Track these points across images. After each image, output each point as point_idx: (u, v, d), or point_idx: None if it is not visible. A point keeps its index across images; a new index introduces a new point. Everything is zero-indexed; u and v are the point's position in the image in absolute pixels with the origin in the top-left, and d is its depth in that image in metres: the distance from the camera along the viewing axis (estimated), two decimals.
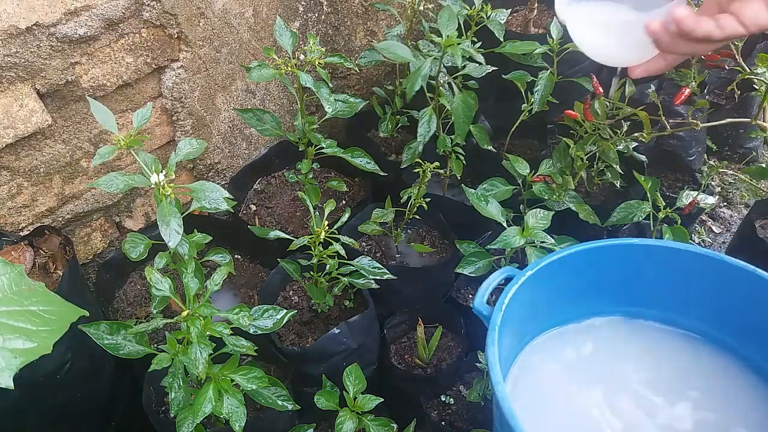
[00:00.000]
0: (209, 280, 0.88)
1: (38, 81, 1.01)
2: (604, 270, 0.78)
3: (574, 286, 0.78)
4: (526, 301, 0.73)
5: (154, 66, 1.18)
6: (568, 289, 0.78)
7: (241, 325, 0.87)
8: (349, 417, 1.03)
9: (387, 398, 1.14)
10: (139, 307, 1.31)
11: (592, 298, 0.80)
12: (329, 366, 1.15)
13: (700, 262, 0.74)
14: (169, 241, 0.81)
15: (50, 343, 0.52)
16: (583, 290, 0.79)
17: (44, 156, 1.10)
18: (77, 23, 1.01)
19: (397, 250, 1.40)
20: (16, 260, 1.04)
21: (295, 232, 1.42)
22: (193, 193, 0.86)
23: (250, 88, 1.44)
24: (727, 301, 0.74)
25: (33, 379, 0.95)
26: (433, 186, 1.52)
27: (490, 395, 1.23)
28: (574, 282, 0.78)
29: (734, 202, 1.99)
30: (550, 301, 0.78)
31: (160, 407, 1.10)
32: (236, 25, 1.31)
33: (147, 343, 0.89)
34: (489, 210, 1.13)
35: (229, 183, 1.47)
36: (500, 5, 1.39)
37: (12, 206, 1.11)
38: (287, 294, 1.31)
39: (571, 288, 0.78)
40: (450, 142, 1.30)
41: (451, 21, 1.15)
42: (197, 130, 1.34)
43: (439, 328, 1.30)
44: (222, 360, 0.91)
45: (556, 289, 0.77)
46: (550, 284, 0.76)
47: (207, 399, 0.85)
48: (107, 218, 1.30)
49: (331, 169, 1.60)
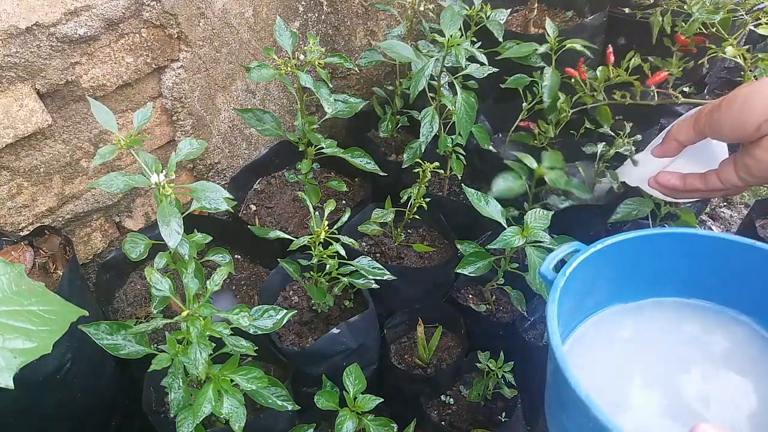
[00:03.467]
0: (209, 280, 0.88)
1: (38, 81, 1.01)
2: (663, 256, 0.81)
3: (632, 269, 0.82)
4: (588, 275, 0.77)
5: (154, 66, 1.18)
6: (627, 271, 0.82)
7: (240, 326, 0.87)
8: (349, 417, 1.03)
9: (387, 398, 1.14)
10: (139, 307, 1.31)
11: (650, 281, 0.84)
12: (329, 366, 1.15)
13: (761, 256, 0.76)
14: (169, 241, 0.81)
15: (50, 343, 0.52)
16: (642, 274, 0.83)
17: (44, 156, 1.10)
18: (77, 23, 1.01)
19: (397, 250, 1.40)
20: (16, 260, 1.04)
21: (295, 232, 1.42)
22: (193, 193, 0.85)
23: (250, 88, 1.44)
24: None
25: (33, 379, 0.95)
26: (433, 186, 1.52)
27: (490, 395, 1.23)
28: (633, 265, 0.81)
29: (734, 202, 2.00)
30: (611, 280, 0.82)
31: (160, 407, 1.10)
32: (236, 25, 1.31)
33: (147, 343, 0.89)
34: (489, 210, 1.13)
35: (229, 183, 1.47)
36: (500, 5, 1.39)
37: (12, 206, 1.11)
38: (287, 294, 1.31)
39: (630, 270, 0.82)
40: (450, 142, 1.30)
41: (454, 21, 1.15)
42: (197, 130, 1.34)
43: (439, 328, 1.30)
44: (222, 360, 0.91)
45: (616, 268, 0.80)
46: (613, 263, 0.79)
47: (207, 399, 0.85)
48: (107, 218, 1.30)
49: (331, 169, 1.61)
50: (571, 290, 0.74)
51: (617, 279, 0.82)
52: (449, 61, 1.19)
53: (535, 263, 1.07)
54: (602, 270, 0.79)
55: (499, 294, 1.37)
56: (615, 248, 0.78)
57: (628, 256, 0.80)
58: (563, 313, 0.73)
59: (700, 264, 0.81)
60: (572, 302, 0.77)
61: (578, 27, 1.54)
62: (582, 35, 1.49)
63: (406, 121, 1.49)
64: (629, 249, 0.79)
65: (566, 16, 1.75)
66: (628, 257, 0.80)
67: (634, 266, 0.81)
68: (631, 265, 0.80)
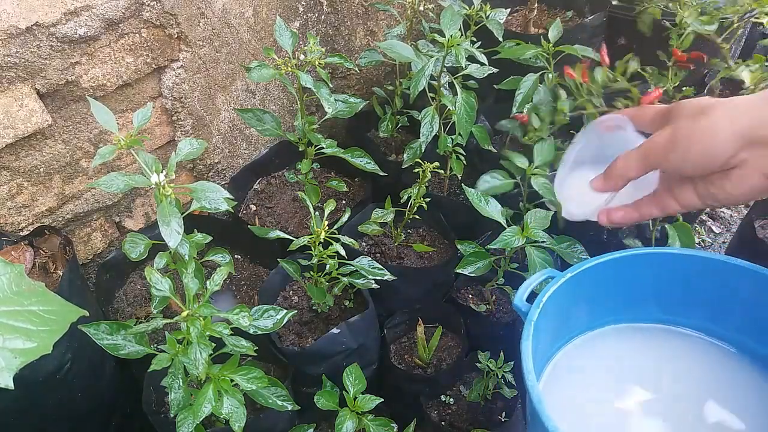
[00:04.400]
0: (209, 280, 0.88)
1: (38, 81, 1.01)
2: (645, 277, 0.78)
3: (612, 291, 0.79)
4: (564, 302, 0.74)
5: (154, 66, 1.18)
6: (605, 294, 0.79)
7: (241, 326, 0.87)
8: (349, 417, 1.03)
9: (387, 398, 1.14)
10: (139, 307, 1.31)
11: (629, 304, 0.81)
12: (329, 366, 1.15)
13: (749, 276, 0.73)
14: (169, 241, 0.81)
15: (50, 343, 0.52)
16: (621, 296, 0.80)
17: (44, 156, 1.10)
18: (77, 23, 1.01)
19: (397, 250, 1.40)
20: (16, 260, 1.04)
21: (295, 232, 1.42)
22: (193, 193, 0.85)
23: (250, 88, 1.44)
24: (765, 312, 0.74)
25: (33, 379, 0.95)
26: (433, 186, 1.52)
27: (490, 395, 1.23)
28: (612, 288, 0.78)
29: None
30: (588, 304, 0.79)
31: (160, 407, 1.10)
32: (236, 25, 1.31)
33: (147, 343, 0.89)
34: (489, 210, 1.13)
35: (229, 183, 1.47)
36: (500, 5, 1.39)
37: (12, 206, 1.11)
38: (287, 294, 1.31)
39: (609, 293, 0.79)
40: (450, 142, 1.30)
41: (454, 21, 1.15)
42: (197, 130, 1.34)
43: (439, 328, 1.30)
44: (222, 360, 0.91)
45: (593, 293, 0.78)
46: (589, 288, 0.76)
47: (207, 399, 0.85)
48: (107, 218, 1.30)
49: (331, 169, 1.61)
50: (548, 319, 0.72)
51: (594, 304, 0.79)
52: (449, 61, 1.19)
53: (536, 263, 1.07)
54: (578, 296, 0.76)
55: (499, 294, 1.37)
56: (590, 273, 0.75)
57: (603, 280, 0.77)
58: (540, 343, 0.71)
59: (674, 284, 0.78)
60: (549, 332, 0.75)
61: (578, 27, 1.54)
62: (582, 35, 1.50)
63: (406, 121, 1.49)
64: (604, 272, 0.76)
65: (566, 16, 1.75)
66: (603, 281, 0.77)
67: (610, 290, 0.78)
68: (606, 289, 0.78)
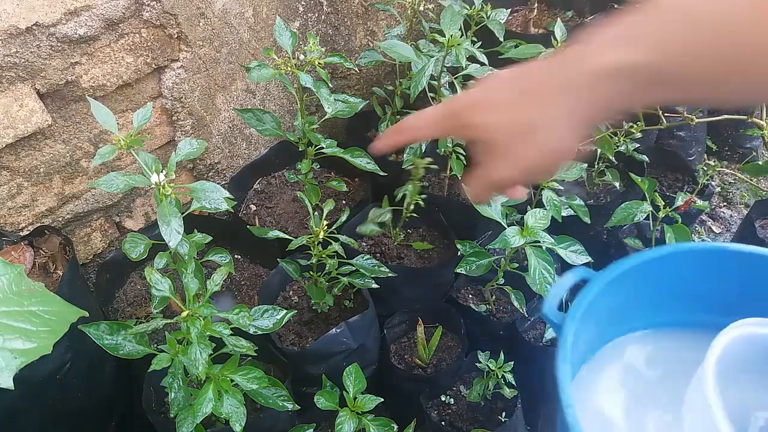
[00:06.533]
0: (209, 280, 0.88)
1: (38, 81, 1.01)
2: (696, 275, 0.72)
3: (649, 292, 0.73)
4: (602, 307, 0.67)
5: (154, 66, 1.18)
6: (643, 296, 0.73)
7: (240, 326, 0.87)
8: (349, 417, 1.03)
9: (387, 398, 1.14)
10: (139, 307, 1.31)
11: (667, 305, 0.75)
12: (329, 366, 1.15)
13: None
14: (169, 241, 0.81)
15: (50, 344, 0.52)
16: (660, 297, 0.74)
17: (44, 156, 1.10)
18: (77, 23, 1.01)
19: (397, 250, 1.40)
20: (16, 260, 1.04)
21: (295, 232, 1.42)
22: (193, 193, 0.86)
23: (250, 88, 1.44)
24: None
25: (33, 379, 0.95)
26: (433, 186, 1.52)
27: (490, 395, 1.23)
28: (650, 288, 0.72)
29: (734, 202, 1.99)
30: (624, 308, 0.73)
31: (160, 407, 1.10)
32: (236, 25, 1.31)
33: (147, 343, 0.89)
34: (489, 210, 1.13)
35: (229, 183, 1.47)
36: (500, 5, 1.39)
37: (12, 206, 1.11)
38: (287, 294, 1.31)
39: (646, 295, 0.73)
40: (451, 142, 1.30)
41: (454, 21, 1.15)
42: (197, 130, 1.34)
43: (439, 328, 1.30)
44: (222, 360, 0.91)
45: (631, 295, 0.72)
46: (626, 290, 0.70)
47: (207, 399, 0.85)
48: (107, 218, 1.30)
49: (331, 169, 1.60)
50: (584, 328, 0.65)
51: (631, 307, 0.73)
52: (449, 61, 1.19)
53: (536, 263, 1.07)
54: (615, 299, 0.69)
55: (499, 294, 1.37)
56: (632, 273, 0.68)
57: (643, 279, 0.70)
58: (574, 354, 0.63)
59: (730, 283, 0.71)
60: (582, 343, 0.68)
61: (578, 27, 1.54)
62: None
63: None
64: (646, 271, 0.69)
65: (566, 16, 1.75)
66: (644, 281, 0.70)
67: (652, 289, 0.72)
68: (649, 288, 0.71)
